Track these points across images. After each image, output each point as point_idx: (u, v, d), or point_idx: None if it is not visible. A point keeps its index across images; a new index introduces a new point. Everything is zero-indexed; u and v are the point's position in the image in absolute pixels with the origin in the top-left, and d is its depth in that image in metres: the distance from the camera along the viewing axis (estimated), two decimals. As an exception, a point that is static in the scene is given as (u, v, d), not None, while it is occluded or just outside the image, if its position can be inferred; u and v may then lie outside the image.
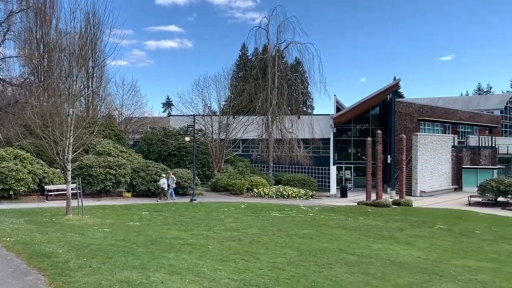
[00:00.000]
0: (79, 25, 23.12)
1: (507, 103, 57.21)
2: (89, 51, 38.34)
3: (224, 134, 37.55)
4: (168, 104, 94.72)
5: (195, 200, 26.36)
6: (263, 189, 31.79)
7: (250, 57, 65.54)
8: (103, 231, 14.70)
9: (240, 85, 46.74)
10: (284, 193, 31.36)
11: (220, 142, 37.19)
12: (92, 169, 26.05)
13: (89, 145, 29.29)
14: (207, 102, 39.25)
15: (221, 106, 40.47)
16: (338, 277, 10.19)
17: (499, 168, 42.75)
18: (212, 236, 15.02)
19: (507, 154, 46.49)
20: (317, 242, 15.10)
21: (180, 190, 29.61)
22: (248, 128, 37.81)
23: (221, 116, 38.53)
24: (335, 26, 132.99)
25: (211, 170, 37.43)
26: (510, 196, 30.54)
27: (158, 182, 27.23)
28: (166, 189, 27.17)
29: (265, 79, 38.67)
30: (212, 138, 37.25)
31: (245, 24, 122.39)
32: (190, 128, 29.52)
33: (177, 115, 45.45)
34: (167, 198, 27.10)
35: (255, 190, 31.93)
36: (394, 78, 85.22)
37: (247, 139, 40.31)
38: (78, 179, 19.71)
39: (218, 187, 33.28)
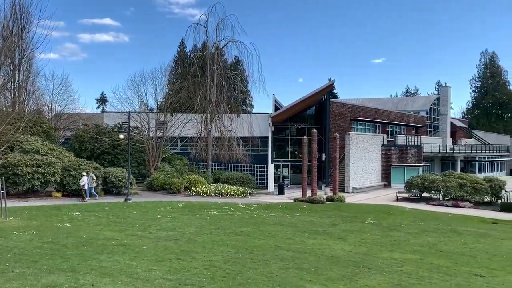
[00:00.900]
0: (3, 14, 21.49)
1: (431, 105, 61.33)
2: (15, 42, 35.79)
3: (161, 131, 36.77)
4: (102, 100, 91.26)
5: (130, 199, 25.59)
6: (201, 188, 31.58)
7: (189, 54, 64.92)
8: (29, 234, 13.85)
9: (178, 82, 46.08)
10: (223, 191, 31.38)
11: (157, 140, 36.38)
12: (18, 168, 24.41)
13: (14, 142, 27.49)
14: (144, 99, 38.17)
15: (159, 103, 39.63)
16: (273, 273, 10.39)
17: (424, 165, 45.80)
18: (147, 236, 14.68)
19: (431, 152, 49.98)
20: (254, 239, 15.28)
21: (114, 189, 28.64)
22: (186, 126, 37.36)
23: (158, 113, 37.69)
24: (273, 27, 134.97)
25: (148, 169, 36.55)
26: (433, 192, 32.81)
27: (79, 181, 26.04)
28: (86, 188, 25.95)
29: (204, 76, 38.44)
30: (149, 136, 36.34)
31: (184, 20, 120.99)
32: (125, 125, 28.60)
33: (111, 112, 43.79)
34: (86, 198, 25.76)
35: (193, 188, 31.64)
36: (329, 79, 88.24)
37: (186, 137, 39.84)
38: (2, 178, 18.39)
39: (155, 186, 32.59)
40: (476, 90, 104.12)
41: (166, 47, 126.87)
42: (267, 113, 40.10)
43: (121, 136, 29.88)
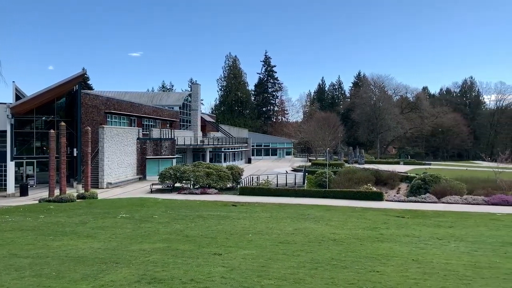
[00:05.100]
0: None
1: (184, 100, 65.30)
2: None
3: None
4: None
5: None
6: None
7: None
8: None
9: None
10: None
11: None
12: None
13: None
14: None
15: None
16: (3, 285, 9.19)
17: (177, 157, 48.50)
18: None
19: (184, 145, 53.35)
20: (-17, 250, 13.13)
21: None
22: None
23: None
24: (17, 7, 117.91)
25: None
26: (184, 181, 35.17)
27: None
28: None
29: None
30: None
31: None
32: None
33: None
34: None
35: None
36: (83, 69, 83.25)
37: None
38: None
39: None
40: (222, 89, 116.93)
41: None
42: (5, 103, 34.72)
43: None
